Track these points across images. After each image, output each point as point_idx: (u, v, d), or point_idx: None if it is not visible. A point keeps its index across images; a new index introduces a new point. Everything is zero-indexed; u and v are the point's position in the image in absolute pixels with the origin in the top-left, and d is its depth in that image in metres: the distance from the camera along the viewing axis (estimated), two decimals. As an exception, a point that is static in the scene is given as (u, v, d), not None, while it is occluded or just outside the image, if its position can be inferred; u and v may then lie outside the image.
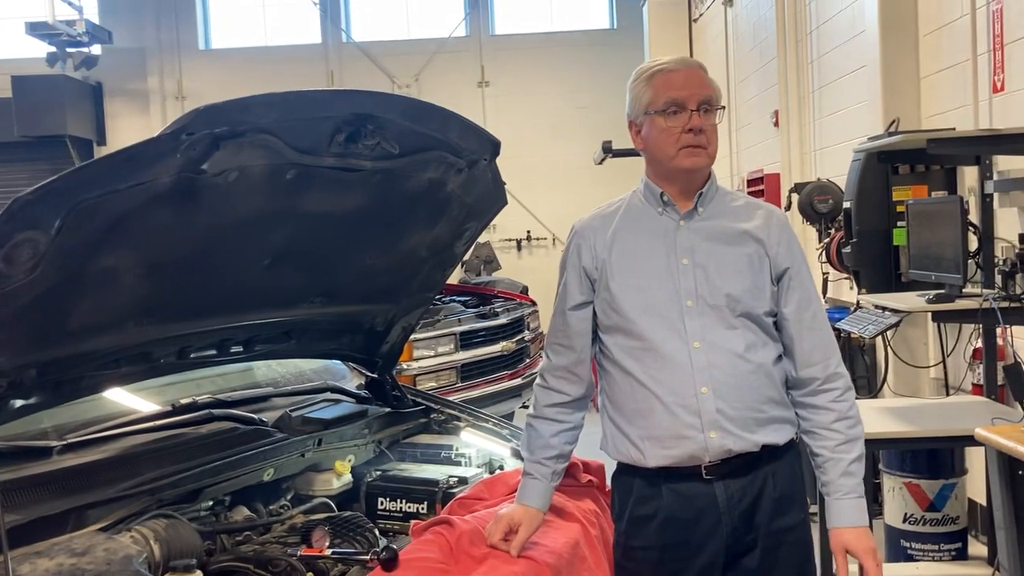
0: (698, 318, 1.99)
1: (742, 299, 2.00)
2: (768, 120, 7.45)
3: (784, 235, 2.07)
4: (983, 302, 3.50)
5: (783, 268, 2.05)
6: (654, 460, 2.01)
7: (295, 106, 1.96)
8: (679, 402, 1.97)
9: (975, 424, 2.98)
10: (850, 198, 4.72)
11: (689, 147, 1.99)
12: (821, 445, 2.05)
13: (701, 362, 1.97)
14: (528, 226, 11.93)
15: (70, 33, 10.66)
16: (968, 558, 4.03)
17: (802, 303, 2.05)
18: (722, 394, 1.97)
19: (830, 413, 2.04)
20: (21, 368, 1.97)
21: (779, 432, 2.04)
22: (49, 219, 1.71)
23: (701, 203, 2.06)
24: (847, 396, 2.07)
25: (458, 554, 2.02)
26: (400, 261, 2.64)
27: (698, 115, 1.99)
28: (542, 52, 12.11)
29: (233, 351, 2.60)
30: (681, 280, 2.00)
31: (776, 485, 2.03)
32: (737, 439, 1.98)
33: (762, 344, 2.02)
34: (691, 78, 2.02)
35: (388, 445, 2.95)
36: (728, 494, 2.00)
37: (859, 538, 2.01)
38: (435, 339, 6.01)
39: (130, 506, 2.10)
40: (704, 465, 1.99)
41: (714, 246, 2.03)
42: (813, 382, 2.05)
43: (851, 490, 2.02)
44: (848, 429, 2.04)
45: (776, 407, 2.04)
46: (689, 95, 1.99)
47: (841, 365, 2.09)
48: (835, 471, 2.03)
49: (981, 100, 4.22)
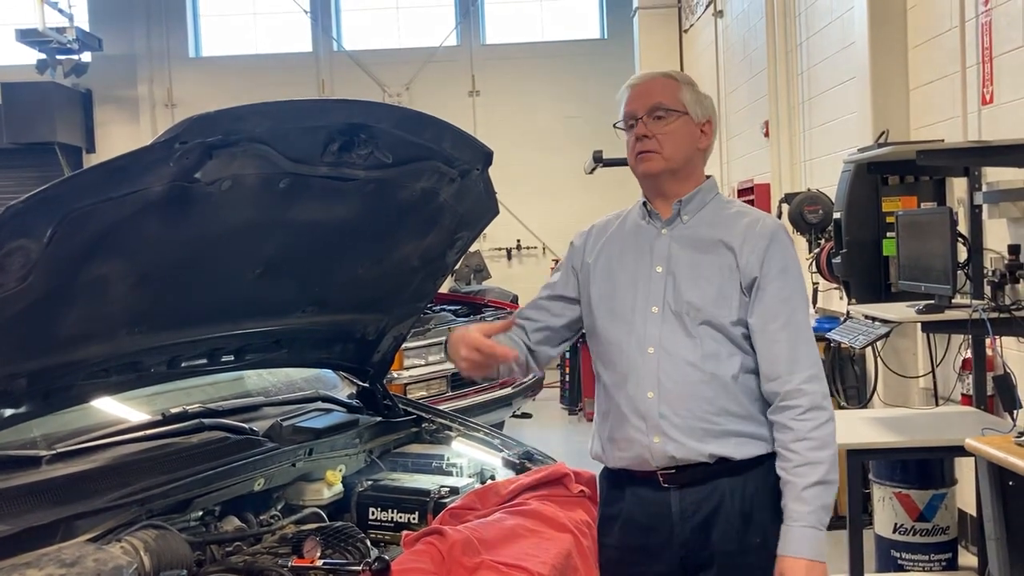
0: (660, 324, 2.00)
1: (703, 308, 1.98)
2: (758, 130, 7.49)
3: (761, 244, 2.00)
4: (972, 313, 3.51)
5: (752, 277, 1.99)
6: (612, 461, 2.08)
7: (289, 115, 1.96)
8: (630, 405, 2.00)
9: (965, 434, 2.98)
10: (840, 208, 4.74)
11: (640, 154, 2.03)
12: (780, 465, 1.93)
13: (651, 367, 1.99)
14: (518, 235, 11.94)
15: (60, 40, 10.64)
16: (958, 568, 4.03)
17: (767, 315, 1.97)
18: (667, 400, 1.97)
19: (788, 432, 1.92)
20: (11, 377, 1.96)
21: (740, 447, 1.97)
22: (41, 228, 1.70)
23: (684, 210, 2.07)
24: (811, 416, 1.92)
25: (450, 564, 2.02)
26: (392, 270, 2.64)
27: (645, 122, 2.02)
28: (533, 62, 12.15)
29: (224, 360, 2.59)
30: (651, 286, 2.03)
31: (735, 503, 1.97)
32: (679, 446, 1.96)
33: (727, 355, 1.98)
34: (644, 90, 2.05)
35: (379, 455, 2.94)
36: (682, 505, 1.99)
37: (794, 571, 1.87)
38: (426, 348, 6.00)
39: (120, 516, 2.09)
40: (659, 471, 1.99)
41: (690, 254, 2.04)
42: (774, 397, 1.95)
43: (800, 518, 1.88)
44: (808, 451, 1.90)
45: (737, 421, 1.97)
46: (638, 106, 2.04)
47: (811, 383, 1.94)
48: (789, 495, 1.90)
49: (970, 112, 4.25)
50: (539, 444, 3.04)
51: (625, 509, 2.06)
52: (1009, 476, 2.78)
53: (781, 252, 2.02)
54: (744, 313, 1.99)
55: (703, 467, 1.98)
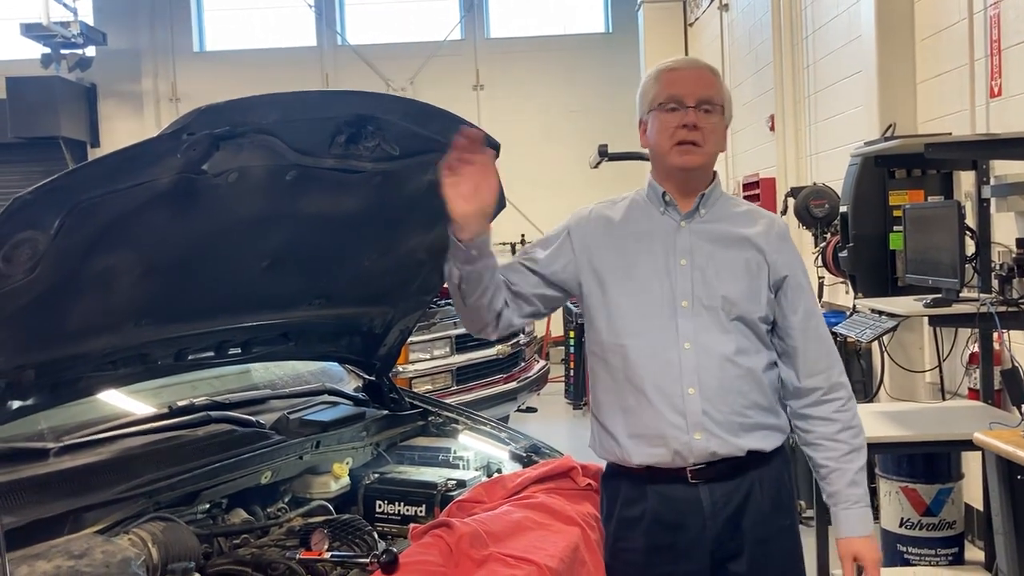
0: (692, 319, 1.99)
1: (738, 302, 1.99)
2: (764, 124, 7.47)
3: (783, 245, 2.07)
4: (980, 306, 3.51)
5: (782, 276, 2.04)
6: (638, 458, 2.02)
7: (296, 107, 1.95)
8: (665, 401, 1.97)
9: (972, 428, 2.98)
10: (847, 202, 4.73)
11: (682, 144, 1.99)
12: (826, 456, 2.05)
13: (690, 363, 1.97)
14: (522, 230, 11.91)
15: (64, 35, 10.65)
16: (965, 563, 4.02)
17: (808, 312, 2.06)
18: (709, 396, 1.97)
19: (834, 424, 2.04)
20: (19, 369, 1.96)
21: (766, 439, 2.04)
22: (49, 219, 1.70)
23: (703, 204, 2.06)
24: (850, 406, 2.07)
25: (458, 557, 2.01)
26: (399, 264, 2.63)
27: (695, 112, 1.98)
28: (537, 56, 12.13)
29: (231, 353, 2.58)
30: (678, 280, 2.01)
31: (763, 491, 2.03)
32: (722, 442, 1.98)
33: (754, 350, 2.02)
34: (695, 78, 2.02)
35: (386, 448, 2.94)
36: (713, 499, 2.00)
37: (868, 548, 2.03)
38: (431, 342, 6.00)
39: (127, 508, 2.09)
40: (688, 468, 1.99)
41: (714, 248, 2.03)
42: (816, 392, 2.05)
43: (858, 500, 2.03)
44: (852, 439, 2.04)
45: (763, 413, 2.03)
46: (688, 92, 1.99)
47: (843, 375, 2.09)
48: (841, 481, 2.03)
49: (978, 105, 4.23)
50: (544, 438, 3.03)
51: (649, 509, 2.02)
52: (1017, 470, 2.78)
53: (797, 253, 2.11)
54: (769, 310, 2.04)
55: (734, 460, 2.00)
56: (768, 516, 2.02)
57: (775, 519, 2.04)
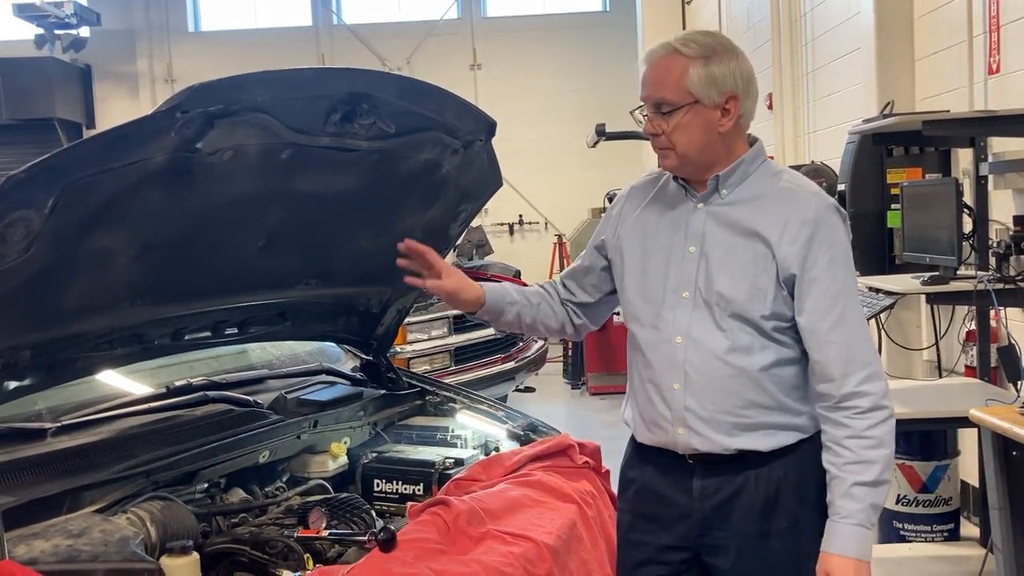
0: (689, 311, 1.90)
1: (734, 300, 1.86)
2: (762, 103, 7.42)
3: (804, 233, 1.84)
4: (977, 284, 3.50)
5: (791, 273, 1.84)
6: (639, 436, 2.02)
7: (290, 84, 1.94)
8: (657, 391, 1.93)
9: (968, 406, 2.98)
10: (844, 180, 4.71)
11: (657, 148, 1.92)
12: (830, 460, 1.86)
13: (679, 358, 1.90)
14: (520, 210, 11.91)
15: (58, 15, 10.57)
16: (960, 539, 4.05)
17: (817, 313, 1.84)
18: (694, 393, 1.89)
19: (844, 428, 1.84)
20: (15, 349, 1.96)
21: (768, 438, 1.90)
22: (42, 198, 1.69)
23: (723, 185, 1.91)
24: (870, 415, 1.82)
25: (456, 534, 2.02)
26: (395, 243, 2.61)
27: (651, 118, 1.88)
28: (534, 35, 12.07)
29: (228, 333, 2.59)
30: (684, 268, 1.91)
31: (759, 487, 1.91)
32: (703, 440, 1.89)
33: (760, 347, 1.87)
34: (649, 77, 1.89)
35: (384, 427, 2.95)
36: (704, 483, 1.93)
37: (841, 569, 1.80)
38: (429, 322, 6.00)
39: (125, 488, 2.10)
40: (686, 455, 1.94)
41: (726, 236, 1.89)
42: (829, 399, 1.86)
43: (850, 515, 1.81)
44: (863, 449, 1.82)
45: (768, 413, 1.89)
46: (646, 95, 1.89)
47: (869, 382, 1.83)
48: (838, 490, 1.83)
49: (976, 82, 4.21)
50: (542, 418, 3.04)
51: (645, 475, 2.00)
52: (1013, 446, 2.78)
53: (828, 242, 1.85)
54: (781, 307, 1.86)
55: (729, 456, 1.91)
56: (759, 514, 1.90)
57: (767, 519, 1.90)
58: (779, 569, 1.91)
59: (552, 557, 2.04)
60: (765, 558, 1.91)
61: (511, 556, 1.97)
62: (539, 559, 2.01)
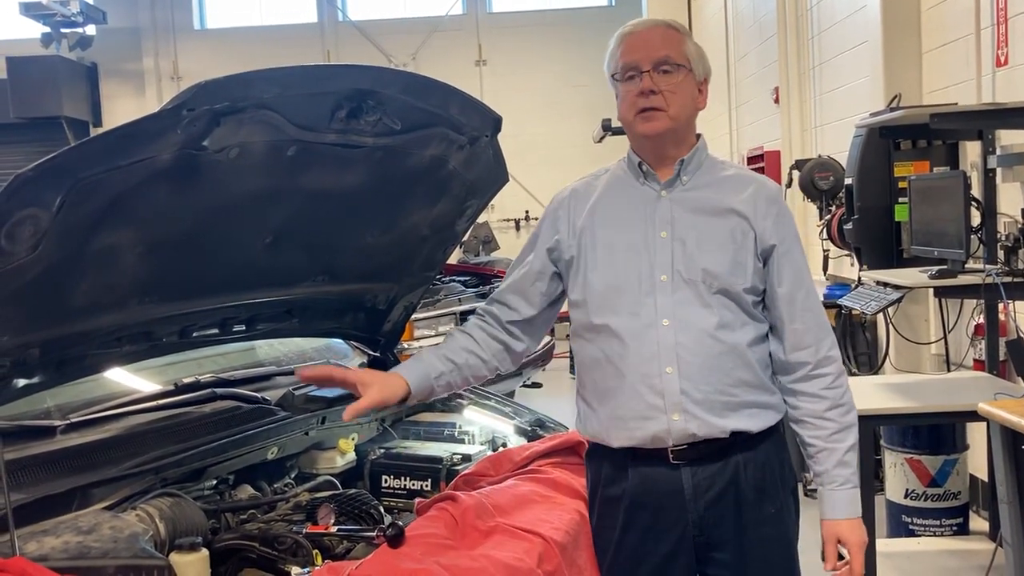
0: (671, 294, 1.90)
1: (719, 275, 1.89)
2: (768, 97, 7.42)
3: (772, 209, 1.95)
4: (986, 277, 3.50)
5: (770, 244, 1.93)
6: (617, 441, 1.96)
7: (296, 81, 1.93)
8: (644, 382, 1.89)
9: (977, 399, 2.97)
10: (851, 174, 4.71)
11: (643, 111, 1.90)
12: (814, 435, 1.95)
13: (668, 341, 1.88)
14: (526, 206, 11.91)
15: (64, 13, 10.60)
16: (969, 533, 4.05)
17: (795, 283, 1.94)
18: (688, 375, 1.88)
19: (822, 401, 1.94)
20: (23, 347, 1.96)
21: (754, 418, 1.93)
22: (50, 196, 1.69)
23: (684, 171, 1.96)
24: (840, 382, 1.97)
25: (464, 528, 2.02)
26: (401, 239, 2.62)
27: (651, 76, 1.88)
28: (540, 30, 12.05)
29: (235, 330, 2.58)
30: (657, 254, 1.92)
31: (748, 477, 1.93)
32: (701, 423, 1.89)
33: (740, 324, 1.92)
34: (647, 39, 1.91)
35: (391, 423, 2.95)
36: (695, 481, 1.92)
37: (853, 530, 1.97)
38: (436, 319, 6.01)
39: (134, 485, 2.10)
40: (670, 448, 1.91)
41: (696, 218, 1.93)
42: (803, 367, 1.94)
43: (846, 480, 1.95)
44: (841, 417, 1.95)
45: (751, 391, 1.93)
46: (643, 56, 1.89)
47: (834, 348, 1.98)
48: (829, 461, 1.95)
49: (984, 74, 4.20)
50: (549, 413, 3.04)
51: (629, 489, 1.96)
52: (1022, 440, 2.78)
53: (789, 219, 2.00)
54: (756, 281, 1.93)
55: (718, 442, 1.91)
56: (752, 503, 1.94)
57: (759, 507, 1.95)
58: (774, 555, 1.98)
59: (561, 552, 2.04)
60: (762, 545, 1.95)
61: (520, 551, 1.97)
62: (548, 554, 2.01)
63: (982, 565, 3.52)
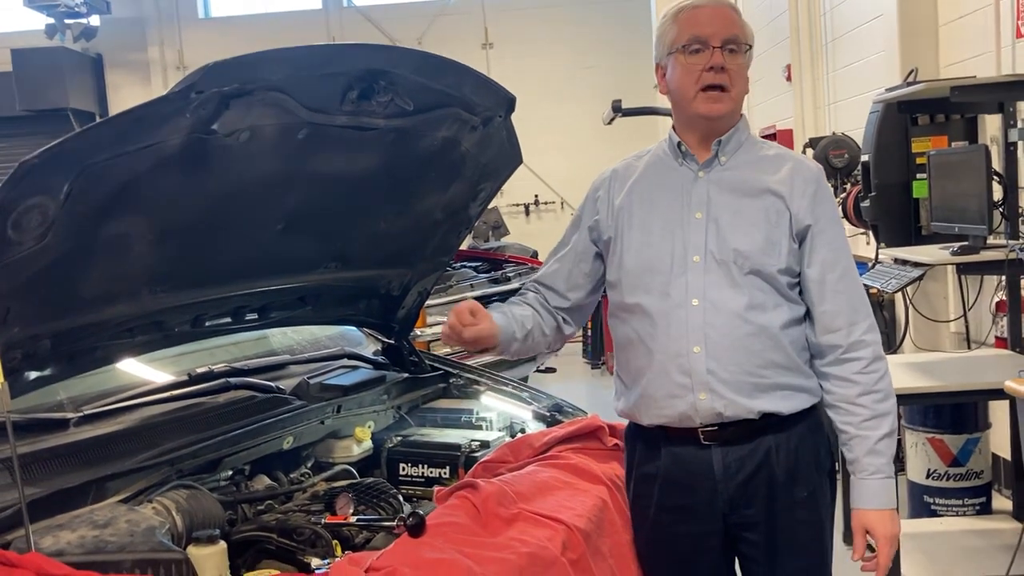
0: (703, 275, 1.90)
1: (751, 255, 1.89)
2: (780, 75, 7.33)
3: (809, 189, 1.93)
4: (1009, 253, 3.44)
5: (804, 225, 1.91)
6: (648, 419, 1.98)
7: (306, 62, 1.89)
8: (673, 361, 1.91)
9: (1000, 377, 2.92)
10: (868, 151, 4.63)
11: (709, 89, 1.89)
12: (846, 421, 1.92)
13: (697, 320, 1.89)
14: (536, 190, 11.82)
15: (68, 4, 10.53)
16: (992, 512, 4.00)
17: (827, 264, 1.91)
18: (715, 354, 1.88)
19: (854, 386, 1.90)
20: (34, 339, 1.93)
21: (787, 400, 1.92)
22: (57, 184, 1.65)
23: (722, 151, 1.96)
24: (875, 367, 1.91)
25: (486, 516, 1.99)
26: (415, 224, 2.58)
27: (721, 53, 1.88)
28: (546, 11, 11.93)
29: (248, 318, 2.55)
30: (691, 234, 1.93)
31: (780, 460, 1.92)
32: (728, 403, 1.89)
33: (773, 305, 1.91)
34: (719, 15, 1.91)
35: (408, 410, 2.92)
36: (725, 463, 1.93)
37: (882, 522, 1.90)
38: (449, 304, 5.97)
39: (150, 477, 2.07)
40: (700, 429, 1.92)
41: (731, 199, 1.93)
42: (835, 350, 1.91)
43: (878, 470, 1.89)
44: (875, 404, 1.90)
45: (783, 373, 1.92)
46: (714, 31, 1.89)
47: (871, 332, 1.93)
48: (861, 449, 1.90)
49: (1004, 46, 4.11)
50: (564, 398, 3.00)
51: (663, 468, 1.98)
52: (1050, 418, 2.72)
53: (828, 199, 1.97)
54: (792, 262, 1.91)
55: (748, 423, 1.91)
56: (783, 486, 1.93)
57: (790, 490, 1.93)
58: (804, 538, 1.97)
59: (584, 540, 2.00)
60: (792, 528, 1.94)
61: (544, 538, 1.93)
62: (572, 541, 1.98)
63: (1006, 544, 3.47)
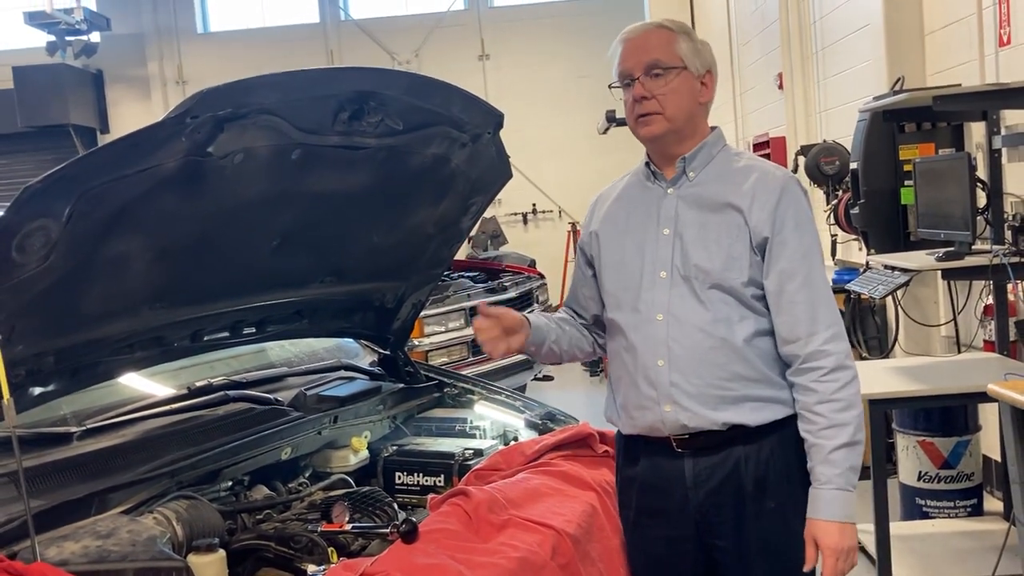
0: (668, 289, 1.95)
1: (711, 271, 1.92)
2: (772, 83, 7.39)
3: (771, 200, 1.91)
4: (993, 258, 3.49)
5: (763, 237, 1.91)
6: (625, 428, 2.07)
7: (297, 86, 1.96)
8: (641, 373, 1.97)
9: (988, 380, 2.97)
10: (857, 159, 4.70)
11: (640, 117, 1.95)
12: (805, 428, 1.91)
13: (661, 334, 1.94)
14: (533, 199, 11.90)
15: (68, 21, 10.63)
16: (983, 514, 4.04)
17: (785, 274, 1.90)
18: (679, 367, 1.93)
19: (812, 394, 1.89)
20: (38, 356, 1.99)
21: (756, 412, 1.93)
22: (59, 207, 1.72)
23: (689, 167, 1.99)
24: (835, 376, 1.88)
25: (477, 523, 2.04)
26: (407, 238, 2.65)
27: (643, 82, 1.92)
28: (542, 23, 12.02)
29: (246, 333, 2.62)
30: (659, 250, 1.98)
31: (748, 470, 1.94)
32: (692, 415, 1.93)
33: (739, 318, 1.92)
34: (638, 47, 1.96)
35: (403, 420, 2.98)
36: (696, 471, 1.97)
37: (828, 533, 1.86)
38: (445, 315, 6.03)
39: (151, 488, 2.13)
40: (672, 438, 1.97)
41: (697, 214, 1.96)
42: (795, 360, 1.91)
43: (829, 480, 1.86)
44: (833, 413, 1.87)
45: (752, 385, 1.93)
46: (634, 63, 1.94)
47: (833, 342, 1.90)
48: (816, 457, 1.88)
49: (987, 55, 4.18)
50: (561, 406, 3.06)
51: (641, 473, 2.05)
52: (1033, 420, 2.78)
53: (794, 207, 1.93)
54: (756, 274, 1.92)
55: (716, 434, 1.94)
56: (751, 496, 1.94)
57: (759, 500, 1.94)
58: (775, 547, 1.97)
59: (574, 545, 2.06)
60: (763, 537, 1.96)
61: (534, 543, 1.99)
62: (561, 546, 2.03)
63: (997, 546, 3.51)
